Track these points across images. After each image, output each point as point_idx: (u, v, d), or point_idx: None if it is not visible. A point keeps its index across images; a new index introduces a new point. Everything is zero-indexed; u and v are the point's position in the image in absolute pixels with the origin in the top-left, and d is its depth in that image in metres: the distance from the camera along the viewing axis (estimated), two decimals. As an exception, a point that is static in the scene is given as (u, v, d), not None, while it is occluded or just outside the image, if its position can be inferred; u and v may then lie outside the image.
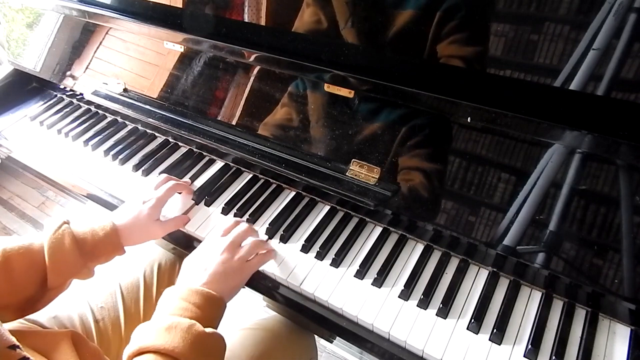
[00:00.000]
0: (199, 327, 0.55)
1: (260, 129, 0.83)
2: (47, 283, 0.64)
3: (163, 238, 0.83)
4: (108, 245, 0.69)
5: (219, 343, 0.58)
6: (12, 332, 0.49)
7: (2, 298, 0.61)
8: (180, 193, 0.86)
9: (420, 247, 0.74)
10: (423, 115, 0.68)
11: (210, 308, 0.60)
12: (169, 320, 0.55)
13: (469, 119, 0.63)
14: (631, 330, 0.61)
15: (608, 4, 0.53)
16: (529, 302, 0.65)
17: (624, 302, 0.57)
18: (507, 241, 0.62)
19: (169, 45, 0.92)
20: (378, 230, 0.77)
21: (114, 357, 0.78)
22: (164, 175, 0.85)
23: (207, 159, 0.95)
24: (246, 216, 0.81)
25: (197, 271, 0.65)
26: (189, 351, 0.52)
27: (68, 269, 0.65)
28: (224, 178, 0.89)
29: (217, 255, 0.67)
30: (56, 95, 1.17)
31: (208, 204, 0.85)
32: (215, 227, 0.81)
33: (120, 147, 0.98)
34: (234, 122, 0.85)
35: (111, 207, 0.89)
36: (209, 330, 0.56)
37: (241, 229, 0.73)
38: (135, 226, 0.73)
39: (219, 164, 0.93)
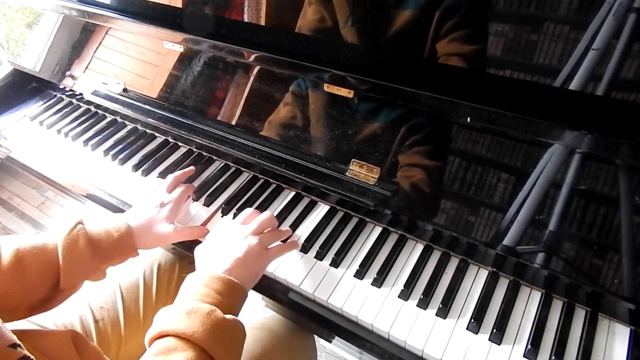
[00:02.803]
0: (219, 313, 0.55)
1: (259, 129, 0.83)
2: (59, 284, 0.63)
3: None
4: (122, 247, 0.69)
5: (239, 329, 0.58)
6: (13, 331, 0.49)
7: (15, 298, 0.61)
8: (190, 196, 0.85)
9: (420, 247, 0.74)
10: (423, 115, 0.68)
11: (231, 295, 0.59)
12: (190, 305, 0.55)
13: (468, 119, 0.63)
14: (631, 330, 0.61)
15: (608, 4, 0.53)
16: (529, 302, 0.65)
17: (624, 302, 0.57)
18: (506, 241, 0.62)
19: (169, 45, 0.92)
20: (378, 230, 0.77)
21: (114, 357, 0.78)
22: (173, 176, 0.83)
23: (206, 158, 0.95)
24: (246, 216, 0.81)
25: (219, 258, 0.64)
26: (208, 336, 0.52)
27: (82, 270, 0.65)
28: (224, 178, 0.89)
29: (239, 242, 0.66)
30: (56, 95, 1.17)
31: (208, 204, 0.85)
32: (215, 227, 0.81)
33: (120, 147, 0.98)
34: (233, 122, 0.85)
35: (111, 207, 0.89)
36: (228, 316, 0.56)
37: (263, 217, 0.72)
38: (150, 229, 0.72)
39: (218, 164, 0.93)
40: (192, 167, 0.87)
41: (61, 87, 1.15)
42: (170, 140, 1.00)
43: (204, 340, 0.52)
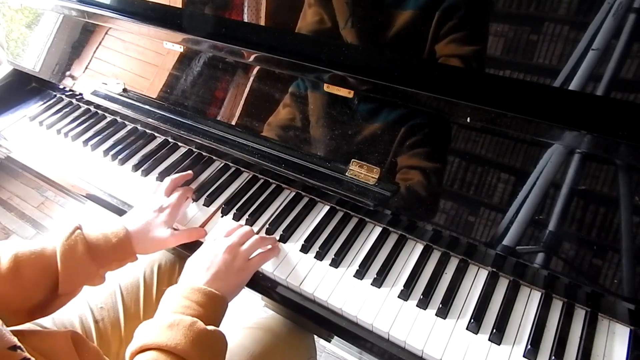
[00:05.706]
0: (200, 324, 0.55)
1: (259, 129, 0.83)
2: (58, 289, 0.63)
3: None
4: (121, 252, 0.69)
5: (221, 340, 0.58)
6: (13, 332, 0.49)
7: (13, 303, 0.61)
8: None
9: (419, 247, 0.74)
10: (422, 115, 0.68)
11: (213, 306, 0.60)
12: (171, 318, 0.55)
13: (468, 119, 0.63)
14: (630, 330, 0.61)
15: (607, 4, 0.53)
16: (529, 302, 0.65)
17: (624, 302, 0.57)
18: (506, 241, 0.62)
19: (169, 46, 0.92)
20: (378, 230, 0.77)
21: (114, 357, 0.78)
22: (171, 179, 0.83)
23: (206, 159, 0.95)
24: (246, 216, 0.81)
25: (200, 270, 0.65)
26: (191, 348, 0.53)
27: (80, 276, 0.65)
28: (223, 178, 0.89)
29: (220, 254, 0.67)
30: (55, 95, 1.17)
31: (207, 204, 0.85)
32: (214, 227, 0.81)
33: (119, 147, 0.98)
34: (233, 122, 0.85)
35: (111, 207, 0.89)
36: (210, 327, 0.57)
37: (244, 229, 0.73)
38: (148, 234, 0.73)
39: (218, 164, 0.93)
40: (190, 172, 0.88)
41: (61, 87, 1.15)
42: (170, 140, 1.00)
43: (187, 352, 0.52)
